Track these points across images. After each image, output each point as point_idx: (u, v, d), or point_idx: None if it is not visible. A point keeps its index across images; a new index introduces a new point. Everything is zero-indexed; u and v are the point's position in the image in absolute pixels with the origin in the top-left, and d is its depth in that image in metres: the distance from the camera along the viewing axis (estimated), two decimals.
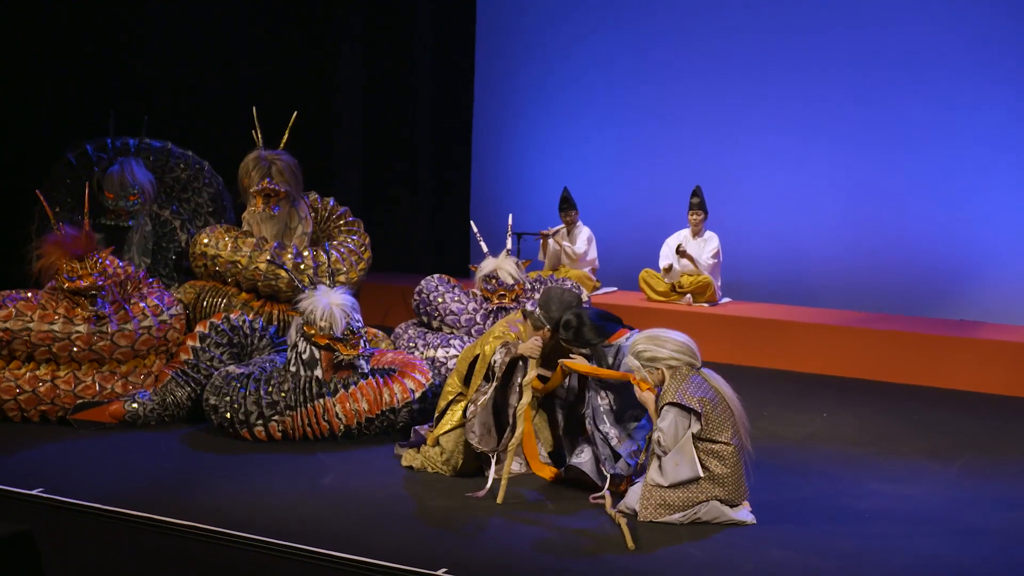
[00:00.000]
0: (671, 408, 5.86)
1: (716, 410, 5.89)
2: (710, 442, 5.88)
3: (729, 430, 5.90)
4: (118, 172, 8.75)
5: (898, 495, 6.53)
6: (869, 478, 6.84)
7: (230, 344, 7.86)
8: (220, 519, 5.82)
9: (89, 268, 7.57)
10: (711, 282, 10.69)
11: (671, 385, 5.91)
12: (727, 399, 5.92)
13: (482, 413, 6.38)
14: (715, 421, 5.88)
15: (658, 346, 5.96)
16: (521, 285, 8.65)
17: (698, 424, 5.84)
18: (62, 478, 6.45)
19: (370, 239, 9.11)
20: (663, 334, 6.01)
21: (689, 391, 5.85)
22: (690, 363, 5.94)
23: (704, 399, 5.86)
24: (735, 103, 11.60)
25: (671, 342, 5.96)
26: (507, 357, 6.38)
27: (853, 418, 8.35)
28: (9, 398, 7.46)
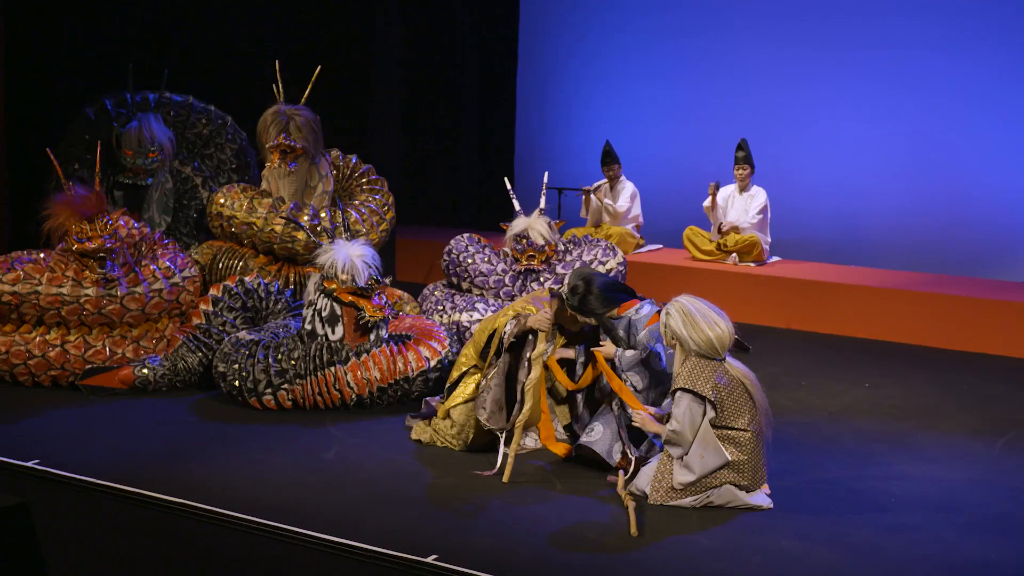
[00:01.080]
0: (684, 394, 5.63)
1: (732, 396, 5.66)
2: (726, 429, 5.66)
3: (747, 416, 5.67)
4: (136, 129, 8.64)
5: (929, 478, 6.25)
6: (901, 458, 6.57)
7: (244, 308, 7.75)
8: (211, 495, 5.72)
9: (99, 230, 7.48)
10: (758, 240, 10.39)
11: (683, 370, 5.67)
12: (747, 386, 5.65)
13: (495, 389, 6.21)
14: (731, 408, 5.64)
15: (685, 326, 5.68)
16: (552, 246, 8.42)
17: (713, 411, 5.61)
18: (61, 448, 6.41)
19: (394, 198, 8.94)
20: (698, 319, 5.69)
21: (703, 377, 5.61)
22: (707, 357, 5.68)
23: (719, 385, 5.61)
24: (787, 52, 11.23)
25: (700, 333, 5.67)
26: (515, 329, 6.19)
27: (898, 388, 8.06)
28: (19, 362, 7.43)
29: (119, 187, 8.80)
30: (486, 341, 6.37)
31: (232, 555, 5.48)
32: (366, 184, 8.95)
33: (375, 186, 8.95)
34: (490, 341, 6.37)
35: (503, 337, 6.22)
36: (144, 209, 8.82)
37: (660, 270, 10.49)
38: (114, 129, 8.72)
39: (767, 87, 11.34)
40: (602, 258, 8.48)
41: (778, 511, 5.70)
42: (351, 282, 7.06)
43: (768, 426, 5.76)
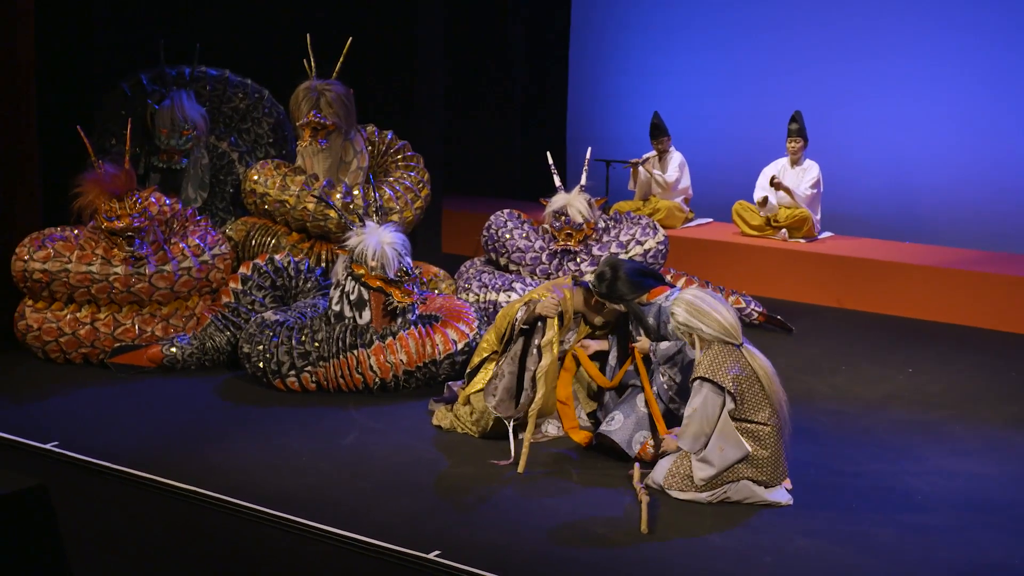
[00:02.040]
0: (703, 383, 5.50)
1: (752, 388, 5.51)
2: (746, 422, 5.52)
3: (767, 409, 5.52)
4: (168, 108, 8.62)
5: (964, 474, 6.06)
6: (936, 451, 6.38)
7: (273, 287, 7.73)
8: (224, 482, 5.72)
9: (128, 208, 7.49)
10: (809, 216, 10.16)
11: (704, 359, 5.54)
12: (764, 378, 5.50)
13: (507, 377, 6.13)
14: (751, 400, 5.49)
15: (692, 316, 5.56)
16: (591, 224, 8.30)
17: (732, 403, 5.47)
18: (81, 430, 6.44)
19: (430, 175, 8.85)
20: (704, 307, 5.55)
21: (724, 367, 5.47)
22: (725, 341, 5.54)
23: (739, 376, 5.47)
24: (841, 25, 10.94)
25: (709, 318, 5.53)
26: (525, 315, 6.10)
27: (943, 374, 7.85)
28: (51, 339, 7.48)
29: (155, 170, 8.80)
30: (506, 327, 6.29)
31: (239, 544, 5.45)
32: (401, 160, 8.87)
33: (410, 163, 8.86)
34: (511, 328, 6.30)
35: (514, 323, 6.13)
36: (181, 190, 8.81)
37: (708, 245, 10.31)
38: (148, 106, 8.71)
39: (820, 60, 11.06)
40: (641, 237, 8.35)
41: (798, 507, 5.57)
42: (380, 270, 6.99)
43: (787, 420, 5.60)
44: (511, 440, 6.11)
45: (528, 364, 6.13)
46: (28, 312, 7.55)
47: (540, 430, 6.35)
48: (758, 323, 8.81)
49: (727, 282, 9.90)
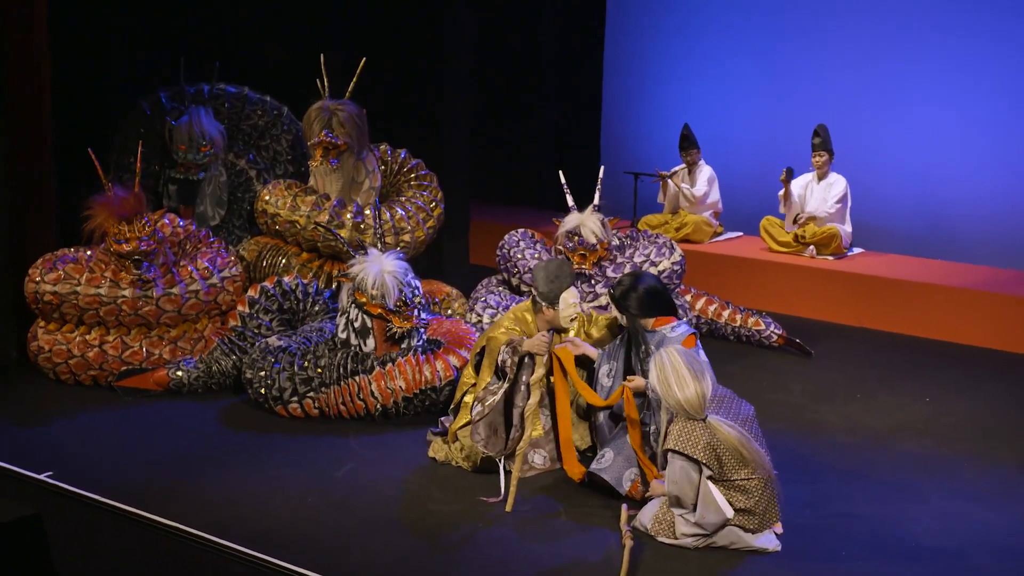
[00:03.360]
0: (675, 456, 5.36)
1: (727, 453, 5.35)
2: (730, 481, 5.36)
3: (748, 467, 5.36)
4: (187, 124, 8.61)
5: (965, 518, 5.86)
6: (940, 492, 6.18)
7: (280, 310, 7.70)
8: (212, 517, 5.70)
9: (137, 231, 7.48)
10: (837, 232, 9.94)
11: (673, 429, 5.40)
12: (732, 449, 5.32)
13: (490, 414, 6.03)
14: (729, 461, 5.34)
15: (668, 386, 5.39)
16: (604, 244, 8.16)
17: (709, 469, 5.32)
18: (78, 459, 6.44)
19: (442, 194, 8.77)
20: (671, 380, 5.35)
21: (693, 437, 5.32)
22: (690, 417, 5.38)
23: (711, 444, 5.31)
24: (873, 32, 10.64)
25: (672, 395, 5.37)
26: (515, 356, 6.00)
27: (961, 403, 7.63)
28: (61, 361, 7.50)
29: (172, 182, 8.80)
30: (475, 354, 6.24)
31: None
32: (414, 180, 8.79)
33: (423, 182, 8.78)
34: (479, 355, 6.23)
35: (504, 365, 6.03)
36: (197, 203, 8.82)
37: (733, 262, 10.13)
38: (167, 123, 8.71)
39: (851, 70, 10.77)
40: (655, 257, 8.20)
41: (786, 554, 5.42)
42: (380, 299, 6.93)
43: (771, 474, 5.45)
44: (503, 477, 6.01)
45: (516, 400, 6.04)
46: (40, 333, 7.58)
47: (526, 462, 6.25)
48: (777, 345, 8.64)
49: (751, 300, 9.76)
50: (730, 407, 5.57)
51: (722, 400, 5.60)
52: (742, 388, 7.69)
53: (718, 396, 5.61)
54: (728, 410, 5.54)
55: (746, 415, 5.58)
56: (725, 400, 5.61)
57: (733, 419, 5.49)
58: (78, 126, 8.68)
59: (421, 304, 7.17)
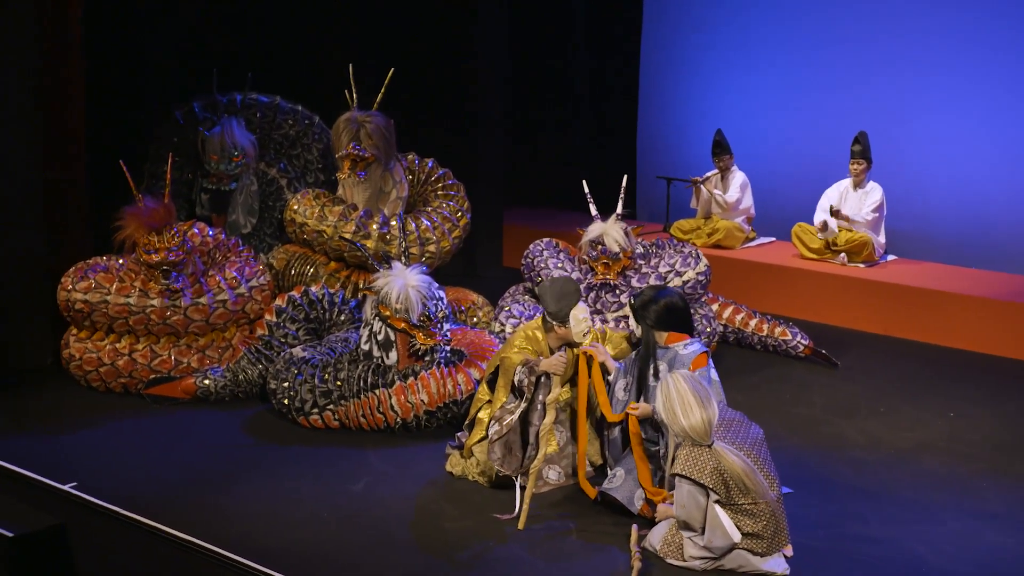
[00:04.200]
0: (682, 481, 5.32)
1: (733, 479, 5.30)
2: (737, 505, 5.31)
3: (752, 493, 5.30)
4: (218, 135, 8.65)
5: (982, 542, 5.76)
6: (958, 514, 6.08)
7: (307, 320, 7.72)
8: (228, 532, 5.73)
9: (166, 242, 7.53)
10: (869, 240, 9.81)
11: (680, 454, 5.35)
12: (735, 478, 5.26)
13: (508, 433, 6.01)
14: (735, 488, 5.29)
15: (673, 413, 5.34)
16: (628, 253, 8.10)
17: (716, 494, 5.27)
18: (102, 469, 6.49)
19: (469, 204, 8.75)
20: (676, 407, 5.31)
21: (699, 462, 5.27)
22: (696, 443, 5.33)
23: (717, 468, 5.26)
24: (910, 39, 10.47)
25: (677, 422, 5.32)
26: (532, 376, 5.97)
27: (987, 418, 7.50)
28: (92, 369, 7.58)
29: (204, 191, 8.86)
30: (489, 373, 6.23)
31: None
32: (441, 189, 8.78)
33: (450, 191, 8.77)
34: (494, 374, 6.23)
35: (520, 385, 6.00)
36: (229, 212, 8.87)
37: (764, 270, 10.03)
38: (200, 133, 8.76)
39: (888, 76, 10.62)
40: (680, 267, 8.13)
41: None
42: (404, 313, 6.93)
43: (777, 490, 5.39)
44: (518, 494, 5.99)
45: (532, 419, 6.02)
46: (72, 341, 7.66)
47: (540, 477, 6.23)
48: (804, 356, 8.54)
49: (780, 307, 9.69)
50: (739, 431, 5.52)
51: (730, 424, 5.54)
52: (764, 400, 7.69)
53: (726, 420, 5.55)
54: (736, 433, 5.49)
55: (755, 438, 5.52)
56: (734, 424, 5.56)
57: (742, 442, 5.43)
58: (113, 136, 8.76)
59: (446, 317, 7.15)
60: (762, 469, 5.37)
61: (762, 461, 5.42)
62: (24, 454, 6.65)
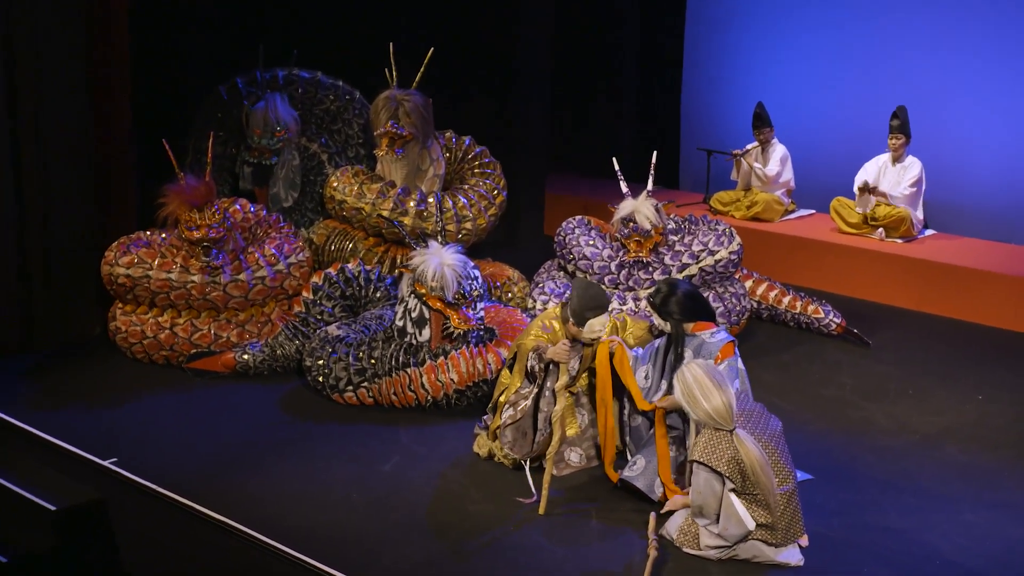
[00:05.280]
0: (700, 467, 5.33)
1: (749, 469, 5.30)
2: (752, 495, 5.32)
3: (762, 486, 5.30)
4: (262, 110, 8.70)
5: (997, 534, 5.74)
6: (976, 503, 6.05)
7: (343, 297, 7.79)
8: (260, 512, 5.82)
9: (207, 219, 7.61)
10: (907, 216, 9.70)
11: (699, 441, 5.36)
12: (750, 468, 5.25)
13: (522, 419, 6.06)
14: (750, 479, 5.29)
15: (694, 399, 5.34)
16: (659, 230, 8.07)
17: (732, 482, 5.28)
18: (142, 445, 6.60)
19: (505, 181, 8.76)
20: (696, 393, 5.31)
21: (718, 450, 5.28)
22: (718, 429, 5.33)
23: (735, 458, 5.26)
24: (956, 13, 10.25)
25: (699, 407, 5.32)
26: (541, 363, 6.00)
27: (1018, 404, 7.41)
28: (136, 342, 7.71)
29: (247, 164, 8.92)
30: (510, 358, 6.30)
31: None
32: (478, 168, 8.79)
33: (487, 169, 8.78)
34: (513, 359, 6.30)
35: (533, 371, 6.04)
36: (271, 185, 8.94)
37: (801, 244, 9.95)
38: (244, 108, 8.82)
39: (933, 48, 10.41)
40: (714, 246, 8.09)
41: (808, 570, 5.38)
42: (439, 291, 6.97)
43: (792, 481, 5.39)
44: (530, 478, 6.04)
45: (542, 405, 6.05)
46: (118, 314, 7.79)
47: (562, 460, 6.28)
48: (836, 334, 8.49)
49: (816, 281, 9.64)
50: (758, 422, 5.51)
51: (751, 415, 5.54)
52: (793, 380, 7.68)
53: (746, 411, 5.55)
54: (756, 425, 5.49)
55: (774, 431, 5.52)
56: (754, 415, 5.56)
57: (760, 434, 5.43)
58: (158, 112, 8.83)
59: (480, 296, 7.18)
60: (777, 463, 5.37)
61: (779, 454, 5.42)
62: (68, 427, 6.79)
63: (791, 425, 6.82)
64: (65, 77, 7.85)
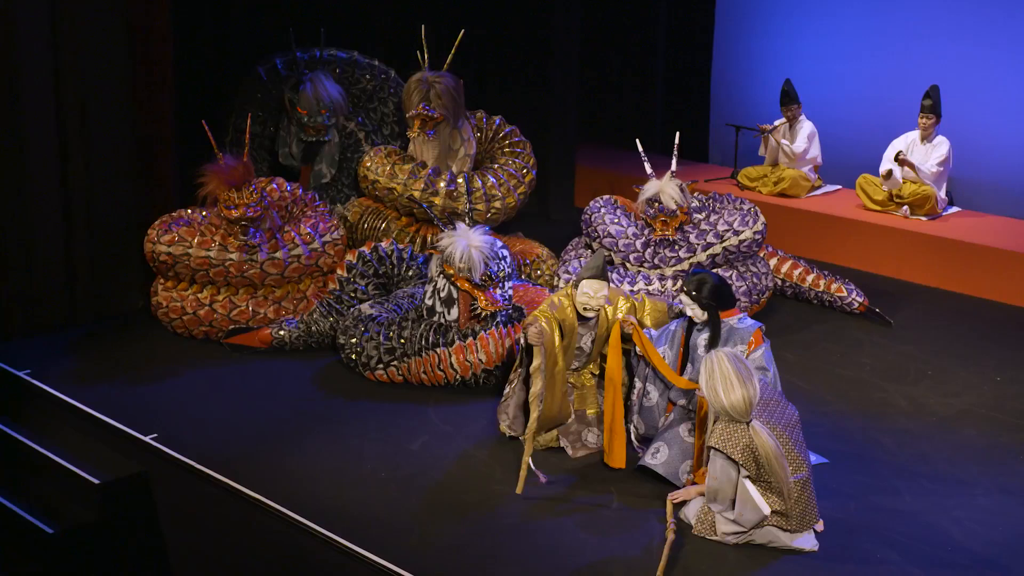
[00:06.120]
0: (716, 454, 5.34)
1: (764, 458, 5.30)
2: (767, 483, 5.33)
3: (776, 476, 5.31)
4: (311, 89, 8.73)
5: (1009, 519, 5.72)
6: (990, 487, 6.03)
7: (376, 275, 7.83)
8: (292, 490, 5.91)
9: (245, 198, 7.65)
10: (932, 194, 9.61)
11: (716, 428, 5.36)
12: (765, 458, 5.24)
13: (518, 395, 6.13)
14: (765, 467, 5.30)
15: (715, 391, 5.32)
16: (684, 209, 8.05)
17: (747, 469, 5.29)
18: (181, 418, 6.69)
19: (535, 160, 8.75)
20: (718, 385, 5.28)
21: (734, 438, 5.28)
22: (734, 420, 5.32)
23: (750, 446, 5.27)
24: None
25: (718, 398, 5.30)
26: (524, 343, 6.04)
27: None
28: (176, 317, 7.79)
29: (301, 142, 8.95)
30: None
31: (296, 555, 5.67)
32: (508, 147, 8.78)
33: (516, 148, 8.76)
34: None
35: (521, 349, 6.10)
36: (316, 161, 8.98)
37: (826, 220, 9.89)
38: (284, 87, 8.84)
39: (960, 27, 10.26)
40: (739, 227, 8.05)
41: (822, 555, 5.39)
42: (467, 272, 7.00)
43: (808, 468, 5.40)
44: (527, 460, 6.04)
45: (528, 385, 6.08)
46: (160, 290, 7.87)
47: (581, 440, 6.31)
48: (858, 312, 8.45)
49: (840, 257, 9.59)
50: (774, 411, 5.51)
51: (767, 404, 5.53)
52: (815, 360, 7.66)
53: (764, 399, 5.54)
54: (772, 414, 5.48)
55: (789, 419, 5.52)
56: (771, 404, 5.55)
57: (776, 423, 5.43)
58: (199, 92, 8.87)
59: (507, 276, 7.19)
60: (791, 452, 5.37)
61: (793, 442, 5.42)
62: (111, 400, 6.89)
63: (811, 407, 6.86)
64: (108, 60, 7.90)
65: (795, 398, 6.72)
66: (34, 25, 7.56)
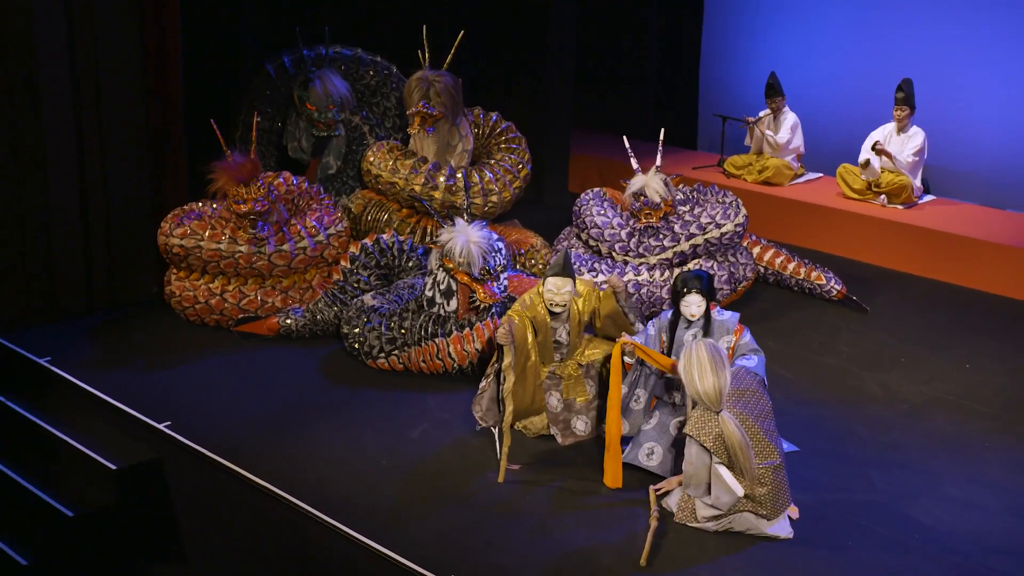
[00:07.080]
0: (691, 440, 5.40)
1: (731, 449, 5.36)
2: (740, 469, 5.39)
3: (740, 466, 5.37)
4: (320, 86, 8.73)
5: (975, 507, 5.79)
6: (957, 476, 6.10)
7: (378, 266, 7.87)
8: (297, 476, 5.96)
9: (253, 193, 7.68)
10: (908, 183, 9.64)
11: (693, 415, 5.42)
12: (732, 449, 5.30)
13: (489, 389, 6.20)
14: (733, 456, 5.36)
15: (690, 376, 5.37)
16: (668, 202, 8.09)
17: (717, 457, 5.36)
18: (192, 405, 6.73)
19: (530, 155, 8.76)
20: (694, 372, 5.33)
21: (707, 426, 5.35)
22: (707, 408, 5.38)
23: (721, 435, 5.33)
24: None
25: (692, 384, 5.35)
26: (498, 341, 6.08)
27: (1004, 372, 7.42)
28: (188, 305, 7.84)
29: (311, 137, 8.96)
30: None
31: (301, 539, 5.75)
32: (504, 143, 8.80)
33: (512, 144, 8.79)
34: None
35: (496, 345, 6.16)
36: (324, 154, 9.00)
37: (807, 208, 9.91)
38: (293, 84, 8.84)
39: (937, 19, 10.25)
40: (720, 220, 8.09)
41: (796, 543, 5.46)
42: (466, 267, 7.03)
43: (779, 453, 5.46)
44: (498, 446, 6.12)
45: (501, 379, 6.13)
46: (173, 279, 7.91)
47: (570, 428, 6.37)
48: (836, 300, 8.50)
49: (821, 243, 9.62)
50: (748, 400, 5.54)
51: (743, 394, 5.57)
52: (794, 348, 7.71)
53: (740, 389, 5.58)
54: (746, 405, 5.51)
55: (762, 410, 5.56)
56: (747, 394, 5.59)
57: (749, 414, 5.47)
58: (208, 87, 8.87)
59: (504, 268, 7.23)
60: (761, 441, 5.40)
61: (763, 432, 5.46)
62: (126, 387, 6.93)
63: (790, 396, 6.92)
64: (122, 54, 7.90)
65: (776, 386, 6.80)
66: (51, 23, 7.56)
